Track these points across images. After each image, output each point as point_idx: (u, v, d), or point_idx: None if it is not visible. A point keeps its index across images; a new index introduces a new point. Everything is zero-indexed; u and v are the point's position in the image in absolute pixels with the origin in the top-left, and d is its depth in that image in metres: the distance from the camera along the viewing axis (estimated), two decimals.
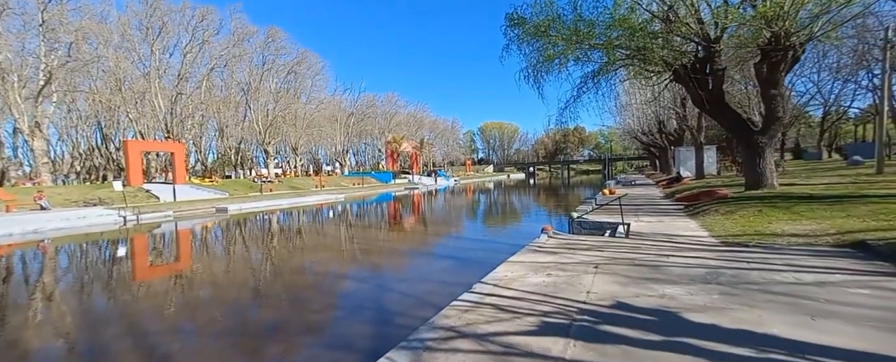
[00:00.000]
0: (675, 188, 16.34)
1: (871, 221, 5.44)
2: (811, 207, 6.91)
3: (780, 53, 8.86)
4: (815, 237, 5.17)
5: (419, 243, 10.09)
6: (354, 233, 12.30)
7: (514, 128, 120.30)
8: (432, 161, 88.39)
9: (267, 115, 36.99)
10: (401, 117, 73.62)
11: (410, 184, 47.77)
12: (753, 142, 9.68)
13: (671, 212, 9.51)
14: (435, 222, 15.07)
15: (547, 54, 10.68)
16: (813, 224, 5.85)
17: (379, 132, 68.63)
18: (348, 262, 8.02)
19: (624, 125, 37.19)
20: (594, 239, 6.66)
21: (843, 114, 37.86)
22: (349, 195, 31.90)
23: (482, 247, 8.87)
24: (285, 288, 6.50)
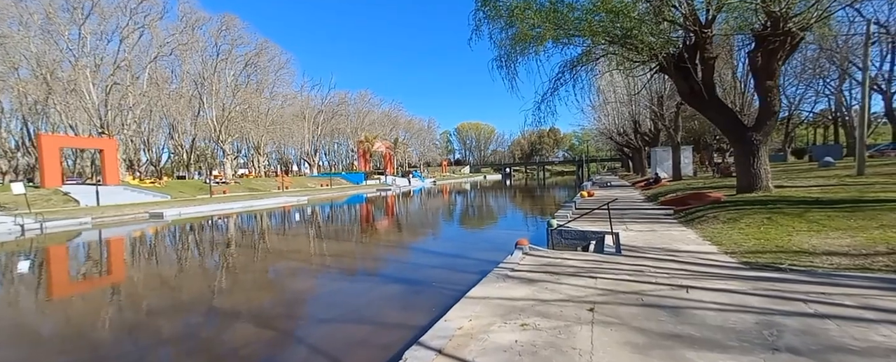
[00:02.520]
0: (655, 190, 15.52)
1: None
2: (827, 214, 5.86)
3: (779, 40, 7.91)
4: (863, 257, 3.99)
5: (368, 260, 8.41)
6: (297, 245, 10.44)
7: (491, 129, 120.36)
8: (407, 161, 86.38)
9: (223, 110, 33.87)
10: (375, 116, 71.19)
11: (383, 185, 45.75)
12: (747, 139, 8.73)
13: (661, 219, 8.37)
14: (397, 230, 13.40)
15: (521, 36, 9.31)
16: (845, 237, 4.72)
17: (351, 131, 65.94)
18: (258, 290, 6.16)
19: (599, 125, 36.95)
20: (580, 257, 5.27)
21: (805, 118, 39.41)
22: (314, 197, 29.57)
23: (445, 264, 7.33)
24: (152, 325, 4.68)
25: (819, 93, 36.35)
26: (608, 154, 71.77)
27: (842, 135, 38.42)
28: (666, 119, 20.62)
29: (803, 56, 26.81)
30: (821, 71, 32.02)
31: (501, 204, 25.98)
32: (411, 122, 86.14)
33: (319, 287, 6.09)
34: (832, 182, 11.25)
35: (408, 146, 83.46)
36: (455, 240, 10.55)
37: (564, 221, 8.77)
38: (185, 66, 33.52)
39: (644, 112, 24.20)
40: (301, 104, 51.22)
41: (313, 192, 32.98)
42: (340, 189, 38.71)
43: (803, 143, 46.64)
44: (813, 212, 6.17)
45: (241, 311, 5.02)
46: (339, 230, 13.35)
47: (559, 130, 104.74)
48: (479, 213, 18.81)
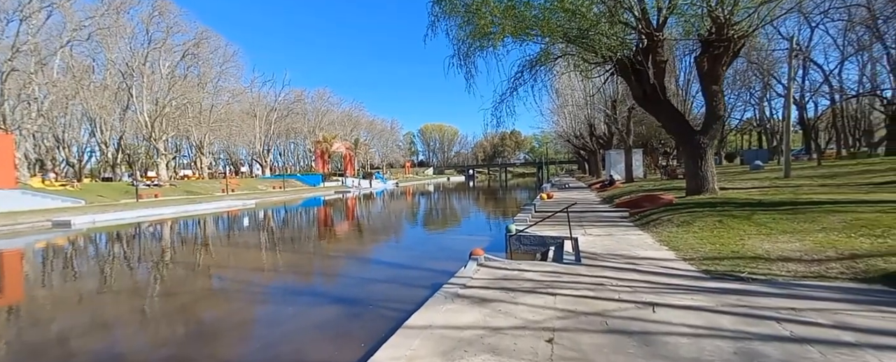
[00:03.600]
0: (610, 191, 15.90)
1: (860, 238, 4.40)
2: (772, 216, 5.95)
3: (723, 45, 8.15)
4: (817, 264, 3.89)
5: (306, 275, 7.43)
6: (225, 258, 9.18)
7: (454, 131, 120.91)
8: (369, 163, 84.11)
9: (157, 105, 30.40)
10: (334, 115, 68.39)
11: (342, 187, 43.82)
12: (695, 142, 8.95)
13: (617, 222, 8.28)
14: (349, 237, 12.43)
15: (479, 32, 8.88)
16: (795, 241, 4.69)
17: (309, 131, 62.76)
18: (147, 323, 5.07)
19: (557, 128, 38.08)
20: (539, 268, 4.83)
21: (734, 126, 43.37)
22: (264, 201, 27.37)
23: (394, 278, 6.62)
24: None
25: (746, 103, 40.34)
26: (566, 156, 74.75)
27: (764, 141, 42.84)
28: (619, 122, 21.44)
29: (733, 69, 29.43)
30: (748, 82, 35.45)
31: (463, 206, 25.64)
32: (373, 123, 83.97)
33: (235, 313, 5.11)
34: (766, 184, 12.05)
35: (369, 147, 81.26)
36: (410, 249, 9.83)
37: (524, 226, 8.44)
38: (109, 54, 29.60)
39: (599, 115, 25.10)
40: (252, 101, 47.70)
41: (264, 195, 30.61)
42: (295, 191, 36.40)
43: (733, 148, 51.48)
44: (759, 214, 6.26)
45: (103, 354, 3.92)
46: (283, 238, 12.11)
47: (520, 133, 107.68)
48: (440, 217, 18.25)
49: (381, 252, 9.70)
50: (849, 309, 2.76)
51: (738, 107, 38.86)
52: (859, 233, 4.55)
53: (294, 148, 76.16)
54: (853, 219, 5.12)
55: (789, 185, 10.95)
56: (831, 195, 7.78)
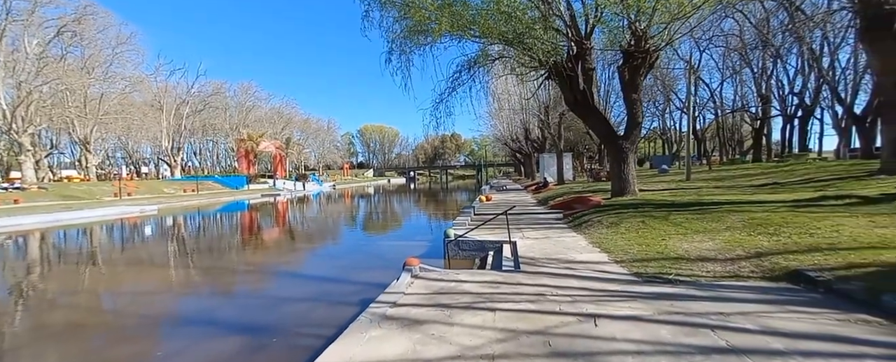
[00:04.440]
0: (544, 194, 16.58)
1: (759, 236, 4.85)
2: (686, 217, 6.44)
3: (641, 57, 8.82)
4: (730, 263, 4.13)
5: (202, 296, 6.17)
6: (97, 278, 7.41)
7: (395, 133, 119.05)
8: (303, 164, 78.59)
9: (19, 90, 24.45)
10: (262, 112, 62.48)
11: (271, 189, 40.03)
12: (619, 146, 9.57)
13: (553, 224, 8.44)
14: (268, 246, 11.03)
15: (415, 28, 8.43)
16: (707, 240, 5.03)
17: (231, 128, 56.37)
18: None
19: (495, 132, 39.34)
20: (478, 278, 4.48)
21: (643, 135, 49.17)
22: (170, 206, 23.57)
23: (315, 296, 5.77)
24: None
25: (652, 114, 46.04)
26: (504, 159, 78.07)
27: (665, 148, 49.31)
28: (551, 127, 22.68)
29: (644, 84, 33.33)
30: (653, 96, 40.45)
31: (403, 209, 24.94)
32: (308, 122, 78.58)
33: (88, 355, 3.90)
34: (673, 186, 13.51)
35: (303, 147, 75.92)
36: (340, 259, 8.93)
37: (463, 230, 8.16)
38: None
39: (533, 120, 26.36)
40: (157, 91, 41.17)
41: (170, 200, 26.42)
42: (213, 195, 32.17)
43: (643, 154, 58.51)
44: (674, 214, 6.75)
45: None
46: (186, 251, 10.26)
47: (460, 136, 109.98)
48: (378, 221, 17.36)
49: (307, 264, 8.65)
50: (768, 310, 2.83)
51: (646, 118, 44.28)
52: (757, 232, 5.02)
53: (213, 147, 67.91)
54: (750, 219, 5.70)
55: (692, 187, 12.39)
56: (726, 196, 8.83)
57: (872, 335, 2.36)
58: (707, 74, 37.06)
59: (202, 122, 54.38)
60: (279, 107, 67.34)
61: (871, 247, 3.69)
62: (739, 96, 37.51)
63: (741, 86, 36.85)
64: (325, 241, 11.99)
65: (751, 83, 34.66)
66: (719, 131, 41.43)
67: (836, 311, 2.74)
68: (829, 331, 2.43)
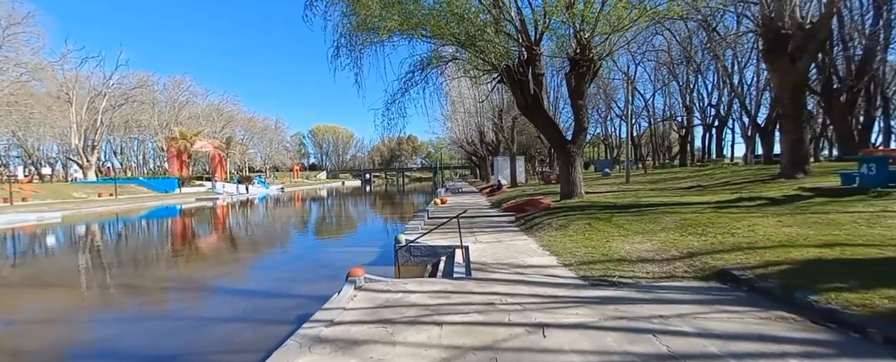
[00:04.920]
0: (498, 196, 16.86)
1: (690, 237, 5.20)
2: (627, 219, 6.79)
3: (586, 65, 9.25)
4: (666, 263, 4.34)
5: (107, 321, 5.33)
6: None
7: (350, 134, 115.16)
8: (248, 165, 72.94)
9: None
10: (197, 108, 56.85)
11: (209, 193, 36.46)
12: (566, 150, 9.94)
13: (505, 227, 8.48)
14: (198, 257, 9.88)
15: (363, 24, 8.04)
16: (646, 241, 5.29)
17: (161, 125, 50.58)
18: None
19: (451, 135, 39.57)
20: (426, 288, 4.24)
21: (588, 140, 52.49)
22: (77, 213, 20.34)
23: (245, 312, 5.16)
24: None
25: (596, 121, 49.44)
26: (460, 161, 78.89)
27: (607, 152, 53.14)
28: (505, 131, 23.24)
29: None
30: (596, 104, 43.45)
31: (356, 212, 24.01)
32: (253, 120, 72.96)
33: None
34: (615, 188, 14.43)
35: (248, 147, 70.49)
36: (280, 270, 8.17)
37: (415, 234, 7.89)
38: None
39: (488, 124, 26.87)
40: (64, 81, 35.59)
41: (81, 205, 22.85)
42: (136, 199, 28.45)
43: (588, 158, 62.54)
44: (616, 216, 7.09)
45: None
46: (96, 266, 8.78)
47: (417, 138, 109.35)
48: (328, 226, 16.44)
49: (241, 276, 7.79)
50: (702, 312, 2.94)
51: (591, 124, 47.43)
52: (688, 232, 5.38)
53: (139, 146, 60.50)
54: (681, 220, 6.13)
55: (631, 189, 13.31)
56: (660, 198, 9.54)
57: (791, 332, 2.51)
58: (641, 86, 40.59)
59: (124, 118, 48.11)
60: (219, 103, 61.85)
61: (781, 246, 4.07)
62: (668, 106, 41.72)
63: (669, 97, 41.00)
64: (266, 250, 11.00)
65: (678, 95, 38.71)
66: (652, 138, 45.62)
67: (759, 309, 2.91)
68: (756, 331, 2.54)
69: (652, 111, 41.61)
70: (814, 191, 7.43)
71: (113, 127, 49.25)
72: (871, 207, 5.48)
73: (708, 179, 14.57)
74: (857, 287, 2.78)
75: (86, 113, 37.08)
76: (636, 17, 8.86)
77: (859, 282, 2.85)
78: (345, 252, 9.53)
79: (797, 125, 10.99)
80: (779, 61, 10.80)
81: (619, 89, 40.37)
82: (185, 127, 47.82)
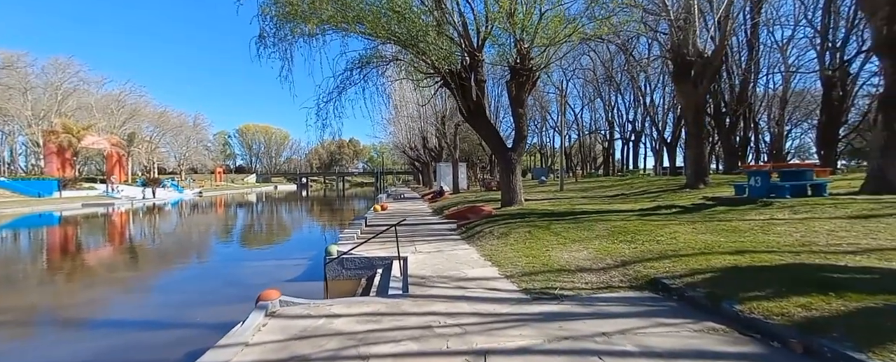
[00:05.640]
0: (440, 202, 16.63)
1: (621, 244, 5.39)
2: (564, 226, 6.93)
3: (526, 74, 9.47)
4: (602, 272, 4.36)
5: None
6: None
7: (284, 135, 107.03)
8: (159, 166, 63.47)
9: None
10: (89, 98, 48.04)
11: (102, 197, 30.74)
12: (507, 158, 10.05)
13: (447, 236, 8.18)
14: (71, 278, 7.94)
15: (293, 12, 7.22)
16: (583, 249, 5.36)
17: (37, 116, 41.54)
18: None
19: (394, 139, 38.75)
20: (355, 309, 3.68)
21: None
22: None
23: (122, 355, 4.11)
24: None
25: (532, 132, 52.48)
26: (403, 167, 77.87)
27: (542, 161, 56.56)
28: (447, 137, 23.26)
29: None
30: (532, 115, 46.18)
31: (288, 219, 21.99)
32: (164, 115, 63.66)
33: None
34: (551, 196, 15.12)
35: (157, 146, 61.39)
36: (181, 292, 6.80)
37: (350, 244, 7.19)
38: None
39: (431, 129, 26.73)
40: None
41: None
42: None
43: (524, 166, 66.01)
44: (554, 224, 7.22)
45: None
46: None
47: (359, 142, 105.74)
48: (250, 236, 14.63)
49: (116, 302, 6.29)
50: (642, 326, 2.89)
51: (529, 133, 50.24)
52: (619, 240, 5.59)
53: (3, 139, 48.91)
54: (612, 227, 6.40)
55: (565, 197, 14.03)
56: (592, 205, 10.09)
57: (724, 345, 2.52)
58: (572, 100, 44.06)
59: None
60: (119, 94, 52.98)
61: (701, 253, 4.34)
62: (594, 121, 45.95)
63: (595, 112, 45.21)
64: (165, 266, 9.26)
65: (602, 111, 42.85)
66: (581, 149, 49.77)
67: (691, 320, 2.94)
68: (693, 346, 2.51)
69: (580, 124, 45.43)
70: (715, 201, 8.39)
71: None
72: (761, 215, 6.25)
73: (628, 188, 16.02)
74: (772, 295, 2.93)
75: None
76: (570, 32, 9.33)
77: (773, 290, 3.02)
78: (266, 266, 8.39)
79: (699, 141, 12.56)
80: (684, 84, 12.27)
81: (552, 102, 43.37)
82: (72, 118, 39.90)
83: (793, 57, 25.52)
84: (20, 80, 39.32)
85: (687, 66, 11.96)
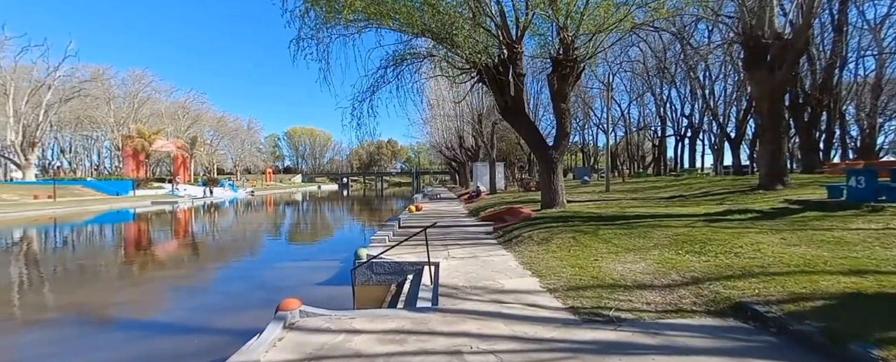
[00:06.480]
0: (476, 204, 16.12)
1: (688, 256, 4.58)
2: (614, 232, 6.15)
3: (569, 66, 8.69)
4: (668, 290, 3.64)
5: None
6: None
7: (328, 136, 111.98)
8: (217, 167, 69.23)
9: None
10: (160, 105, 53.44)
11: (169, 196, 33.90)
12: (548, 156, 9.31)
13: (482, 240, 7.68)
14: (106, 279, 8.43)
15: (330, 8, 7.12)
16: (639, 260, 4.62)
17: (118, 122, 46.95)
18: None
19: (431, 139, 38.76)
20: (379, 325, 3.33)
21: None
22: (1, 218, 17.95)
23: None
24: None
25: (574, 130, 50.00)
26: (440, 167, 78.13)
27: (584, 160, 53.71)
28: (484, 136, 22.65)
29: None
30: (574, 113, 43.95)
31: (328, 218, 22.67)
32: (223, 120, 69.39)
33: None
34: (596, 197, 13.99)
35: (216, 148, 66.93)
36: (214, 292, 6.90)
37: (379, 248, 6.95)
38: None
39: (467, 128, 26.26)
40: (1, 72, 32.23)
41: (7, 209, 20.29)
42: (80, 202, 25.80)
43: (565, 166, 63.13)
44: (602, 229, 6.45)
45: None
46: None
47: (397, 142, 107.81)
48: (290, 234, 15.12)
49: (157, 301, 6.50)
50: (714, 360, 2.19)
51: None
52: (685, 250, 4.76)
53: (91, 144, 55.97)
54: (674, 235, 5.53)
55: (612, 199, 12.89)
56: (645, 208, 9.05)
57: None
58: (617, 96, 41.37)
59: (75, 114, 44.38)
60: (184, 101, 58.43)
61: (802, 272, 3.47)
62: (643, 116, 42.71)
63: (644, 107, 42.00)
64: (208, 264, 9.68)
65: (652, 105, 39.67)
66: (628, 147, 46.51)
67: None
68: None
69: (628, 120, 42.42)
70: (802, 205, 7.08)
71: (62, 123, 45.37)
72: (873, 224, 5.06)
73: (686, 189, 14.41)
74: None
75: (26, 106, 33.70)
76: (621, 17, 8.38)
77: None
78: (299, 268, 8.41)
79: (775, 135, 10.87)
80: (758, 71, 10.68)
81: (596, 98, 40.96)
82: (146, 125, 44.58)
83: (889, 38, 21.75)
84: (105, 90, 44.61)
85: (762, 51, 10.40)
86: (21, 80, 33.94)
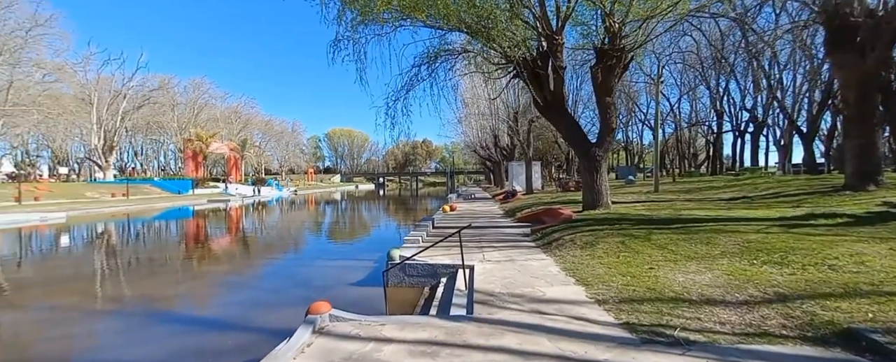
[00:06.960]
0: (512, 204, 15.61)
1: (767, 267, 3.93)
2: (670, 237, 5.51)
3: (615, 56, 8.01)
4: (747, 308, 3.07)
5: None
6: None
7: (365, 137, 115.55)
8: (264, 167, 73.91)
9: None
10: (215, 111, 57.96)
11: (222, 195, 36.58)
12: (591, 154, 8.67)
13: (519, 242, 7.28)
14: (159, 273, 8.91)
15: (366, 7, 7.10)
16: (704, 271, 4.04)
17: (180, 127, 51.63)
18: None
19: (465, 139, 38.45)
20: (409, 335, 3.12)
21: None
22: (85, 214, 20.27)
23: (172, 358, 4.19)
24: None
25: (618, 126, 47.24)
26: (475, 167, 77.62)
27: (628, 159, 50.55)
28: (520, 134, 21.97)
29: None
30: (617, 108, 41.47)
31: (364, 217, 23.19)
32: (270, 123, 74.03)
33: None
34: (643, 198, 12.94)
35: (264, 150, 71.48)
36: (249, 289, 7.02)
37: (413, 249, 6.79)
38: None
39: (502, 126, 25.67)
40: (86, 83, 36.55)
41: (90, 206, 22.87)
42: (147, 200, 28.57)
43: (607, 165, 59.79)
44: (655, 233, 5.82)
45: None
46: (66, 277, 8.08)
47: (431, 142, 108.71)
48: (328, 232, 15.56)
49: (199, 297, 6.74)
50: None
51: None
52: (761, 260, 4.09)
53: (159, 147, 62.08)
54: (744, 242, 4.82)
55: (662, 199, 11.83)
56: (703, 211, 8.14)
57: None
58: (666, 90, 38.45)
59: (146, 120, 49.38)
60: (237, 106, 62.95)
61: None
62: (695, 111, 39.32)
63: (696, 101, 38.63)
64: (251, 261, 10.10)
65: (706, 99, 36.39)
66: (678, 144, 43.12)
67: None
68: None
69: (678, 116, 39.25)
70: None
71: (135, 128, 50.61)
72: None
73: (751, 189, 12.90)
74: None
75: (107, 114, 37.96)
76: (675, 1, 7.59)
77: None
78: (334, 267, 8.49)
79: (866, 128, 9.35)
80: (845, 54, 9.24)
81: (641, 93, 38.37)
82: (204, 129, 48.57)
83: None
84: (169, 98, 49.20)
85: (850, 31, 8.99)
86: (103, 90, 38.31)
